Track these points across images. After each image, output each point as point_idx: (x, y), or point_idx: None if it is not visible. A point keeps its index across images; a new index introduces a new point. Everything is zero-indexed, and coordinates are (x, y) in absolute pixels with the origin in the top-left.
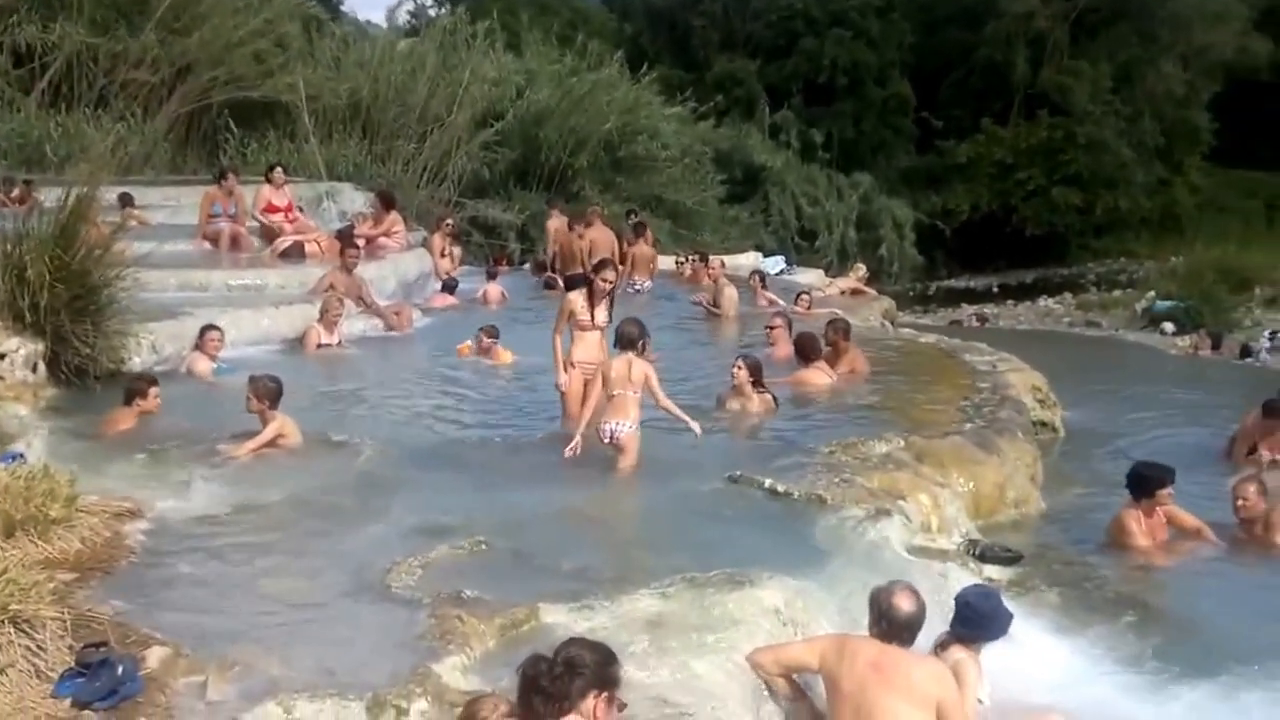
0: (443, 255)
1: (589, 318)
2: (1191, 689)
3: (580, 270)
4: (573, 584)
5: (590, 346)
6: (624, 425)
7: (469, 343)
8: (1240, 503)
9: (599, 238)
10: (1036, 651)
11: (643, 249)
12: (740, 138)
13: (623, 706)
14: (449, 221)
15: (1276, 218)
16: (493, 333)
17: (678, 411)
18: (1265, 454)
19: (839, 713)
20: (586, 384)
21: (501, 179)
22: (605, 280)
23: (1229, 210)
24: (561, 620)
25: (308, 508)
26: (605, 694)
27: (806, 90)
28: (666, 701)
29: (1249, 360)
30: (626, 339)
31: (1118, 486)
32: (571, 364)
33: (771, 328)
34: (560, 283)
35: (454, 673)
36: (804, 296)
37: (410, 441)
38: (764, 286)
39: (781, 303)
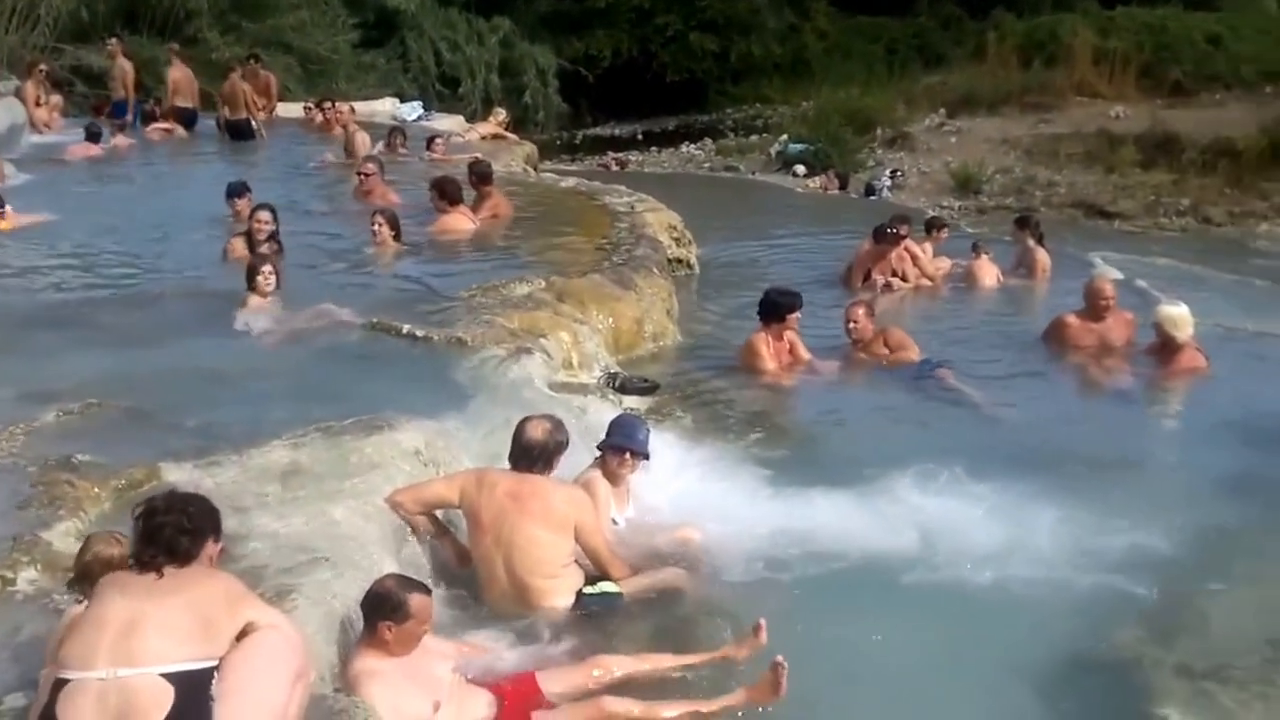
0: (38, 104)
1: None
2: (816, 493)
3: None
4: (198, 440)
5: None
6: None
7: None
8: (850, 325)
9: (179, 77)
10: (672, 472)
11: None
12: None
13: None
14: (42, 67)
15: (896, 62)
16: None
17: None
18: (879, 279)
19: (480, 544)
20: None
21: (106, 22)
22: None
23: (853, 56)
24: (186, 478)
25: None
26: (222, 543)
27: None
28: (302, 548)
29: (872, 198)
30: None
31: (749, 317)
32: None
33: (364, 174)
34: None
35: (66, 539)
36: (437, 142)
37: (2, 304)
38: (402, 144)
39: (406, 152)
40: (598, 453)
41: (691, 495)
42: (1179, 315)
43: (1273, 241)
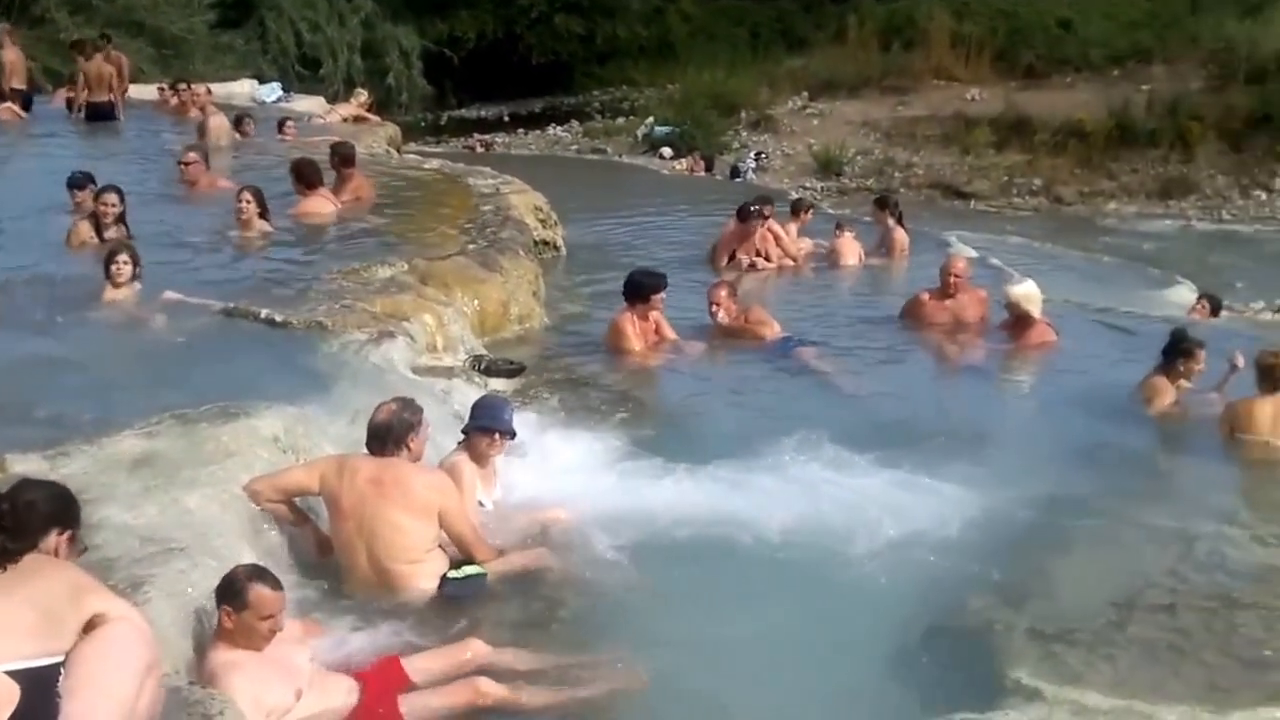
0: None
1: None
2: (681, 472)
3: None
4: (47, 431)
5: None
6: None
7: None
8: (714, 306)
9: (14, 59)
10: (539, 453)
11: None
12: None
13: (84, 550)
14: None
15: (760, 45)
16: None
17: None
18: (743, 259)
19: (341, 531)
20: None
21: None
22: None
23: (718, 38)
24: (34, 469)
25: None
26: (68, 532)
27: None
28: (155, 539)
29: (737, 179)
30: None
31: (616, 299)
32: None
33: (185, 164)
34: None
35: None
36: (289, 124)
37: None
38: (251, 128)
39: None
40: (462, 436)
41: (558, 476)
42: (1028, 292)
43: (1120, 219)
